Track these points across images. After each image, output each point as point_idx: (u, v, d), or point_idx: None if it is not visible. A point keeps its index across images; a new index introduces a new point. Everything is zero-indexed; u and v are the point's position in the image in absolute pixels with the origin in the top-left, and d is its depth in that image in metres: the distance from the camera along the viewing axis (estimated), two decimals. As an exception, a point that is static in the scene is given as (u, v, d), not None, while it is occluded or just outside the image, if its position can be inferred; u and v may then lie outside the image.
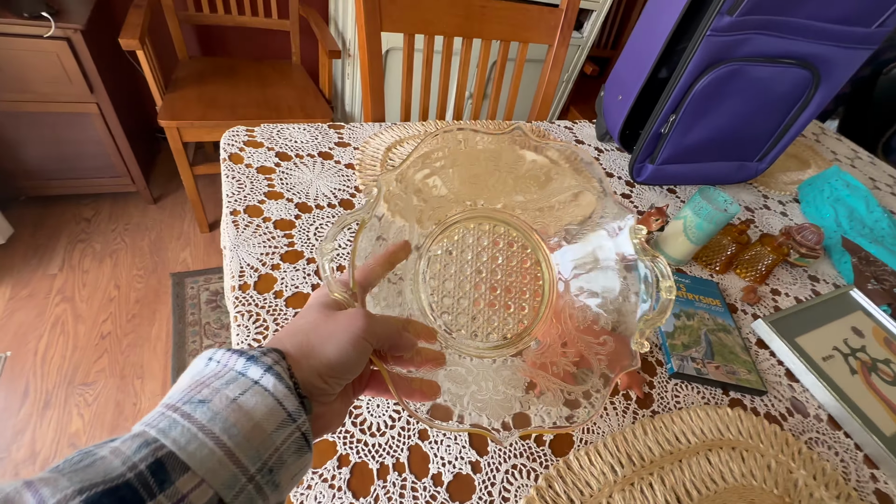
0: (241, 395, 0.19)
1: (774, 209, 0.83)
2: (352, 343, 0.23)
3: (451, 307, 0.35)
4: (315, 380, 0.22)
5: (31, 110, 1.10)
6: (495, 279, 0.36)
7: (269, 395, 0.19)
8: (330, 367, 0.22)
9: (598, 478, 0.39)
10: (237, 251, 0.48)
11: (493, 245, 0.36)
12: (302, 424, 0.20)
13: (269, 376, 0.19)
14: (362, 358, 0.23)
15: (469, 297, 0.35)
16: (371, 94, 0.77)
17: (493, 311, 0.35)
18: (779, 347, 0.55)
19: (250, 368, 0.20)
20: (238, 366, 0.20)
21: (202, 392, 0.18)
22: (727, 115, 0.67)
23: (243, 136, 0.63)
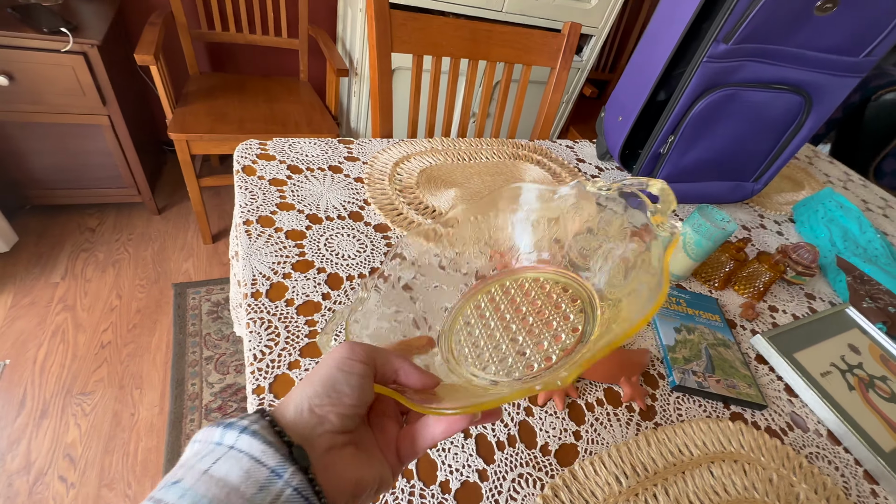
0: (213, 465, 0.17)
1: (770, 228, 0.85)
2: (336, 366, 0.22)
3: (491, 360, 0.33)
4: (305, 416, 0.20)
5: (42, 121, 1.12)
6: (520, 317, 0.35)
7: (243, 455, 0.18)
8: (316, 394, 0.21)
9: (604, 488, 0.39)
10: (250, 260, 0.49)
11: (506, 295, 0.36)
12: (291, 478, 0.18)
13: (245, 436, 0.18)
14: (354, 379, 0.22)
15: (503, 340, 0.34)
16: (380, 110, 0.80)
17: (536, 337, 0.33)
18: (777, 363, 0.56)
19: (226, 435, 0.19)
20: (215, 437, 0.19)
21: (177, 474, 0.17)
22: (723, 137, 0.69)
23: (256, 149, 0.65)
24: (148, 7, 1.36)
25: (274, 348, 0.42)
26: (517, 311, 0.35)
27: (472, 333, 0.35)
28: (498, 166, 0.76)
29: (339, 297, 0.48)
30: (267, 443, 0.18)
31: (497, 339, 0.34)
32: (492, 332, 0.34)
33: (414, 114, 0.86)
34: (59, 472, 0.89)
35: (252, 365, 0.40)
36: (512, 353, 0.33)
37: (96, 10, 1.17)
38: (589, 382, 0.48)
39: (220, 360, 1.13)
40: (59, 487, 0.87)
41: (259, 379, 0.40)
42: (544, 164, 0.81)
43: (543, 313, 0.35)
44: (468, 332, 0.35)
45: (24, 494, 0.85)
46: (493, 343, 0.34)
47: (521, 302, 0.36)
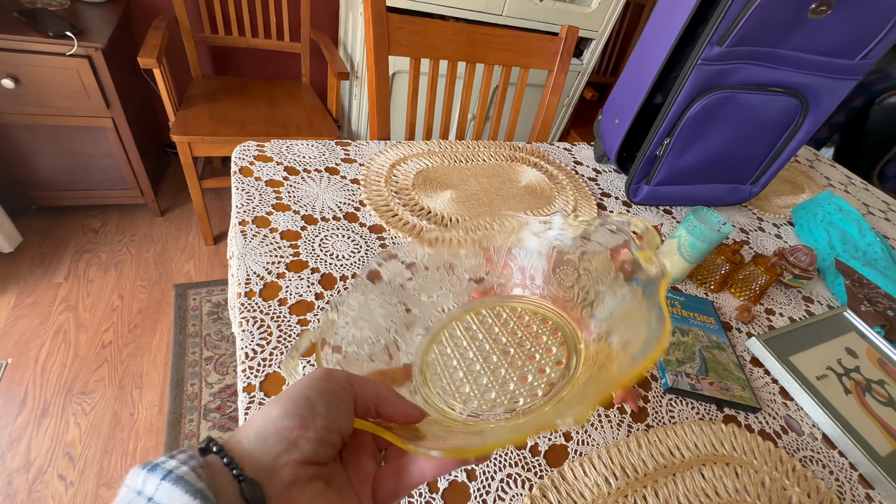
0: None
1: (769, 231, 0.85)
2: (309, 385, 0.19)
3: (473, 393, 0.31)
4: (267, 440, 0.17)
5: (48, 123, 1.14)
6: (500, 347, 0.34)
7: None
8: (283, 414, 0.18)
9: (592, 489, 0.39)
10: (244, 259, 0.49)
11: (482, 325, 0.35)
12: None
13: (166, 484, 0.15)
14: (331, 403, 0.19)
15: (484, 372, 0.32)
16: (377, 114, 0.80)
17: (519, 370, 0.32)
18: (773, 366, 0.56)
19: (147, 481, 0.15)
20: (138, 482, 0.15)
21: None
22: (719, 140, 0.69)
23: (254, 150, 0.65)
24: (152, 11, 1.38)
25: (266, 347, 0.42)
26: (496, 341, 0.34)
27: (449, 364, 0.33)
28: (495, 168, 0.77)
29: (332, 296, 0.49)
30: (191, 492, 0.15)
31: (477, 371, 0.33)
32: (471, 362, 0.33)
33: (412, 117, 0.86)
34: (58, 470, 0.90)
35: (244, 363, 0.41)
36: (495, 385, 0.31)
37: (101, 14, 1.19)
38: (581, 384, 0.48)
39: (220, 360, 1.14)
40: (58, 486, 0.88)
41: (250, 377, 0.40)
42: (541, 167, 0.81)
43: (524, 345, 0.34)
44: (444, 363, 0.33)
45: (23, 493, 0.86)
46: (473, 375, 0.32)
47: (500, 332, 0.35)
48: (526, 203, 0.71)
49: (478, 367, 0.33)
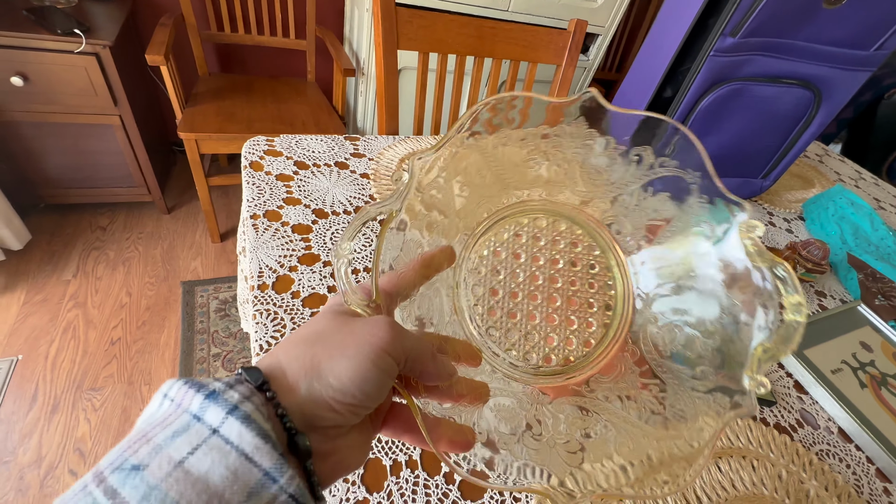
0: (190, 455, 0.13)
1: (780, 226, 0.84)
2: (373, 358, 0.17)
3: (500, 322, 0.27)
4: (320, 408, 0.16)
5: (56, 121, 1.14)
6: (555, 287, 0.28)
7: (231, 450, 0.14)
8: (343, 390, 0.17)
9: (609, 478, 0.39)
10: (256, 253, 0.49)
11: (552, 245, 0.29)
12: (288, 483, 0.14)
13: (234, 420, 0.14)
14: (386, 379, 0.18)
15: (522, 308, 0.28)
16: (386, 108, 0.80)
17: (552, 327, 0.28)
18: (787, 359, 0.55)
19: (209, 410, 0.14)
20: (194, 406, 0.14)
21: (140, 452, 0.13)
22: (731, 133, 0.69)
23: (263, 145, 0.65)
24: (159, 9, 1.38)
25: (280, 339, 0.42)
26: (551, 279, 0.28)
27: (493, 275, 0.27)
28: (503, 163, 0.76)
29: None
30: (262, 435, 0.14)
31: (518, 301, 0.27)
32: (515, 287, 0.27)
33: (420, 112, 0.86)
34: (69, 465, 0.90)
35: (258, 356, 0.41)
36: (524, 328, 0.27)
37: (108, 11, 1.19)
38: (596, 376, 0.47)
39: (228, 357, 1.14)
40: (69, 481, 0.88)
41: (265, 369, 0.40)
42: (550, 161, 0.80)
43: (574, 301, 0.28)
44: (490, 269, 0.27)
45: (35, 487, 0.86)
46: (513, 304, 0.27)
47: (553, 270, 0.28)
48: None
49: (520, 298, 0.27)
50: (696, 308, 0.26)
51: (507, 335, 0.28)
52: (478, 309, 0.28)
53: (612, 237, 0.29)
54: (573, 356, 0.28)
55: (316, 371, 0.17)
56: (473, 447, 0.21)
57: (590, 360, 0.28)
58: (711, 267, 0.25)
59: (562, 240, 0.29)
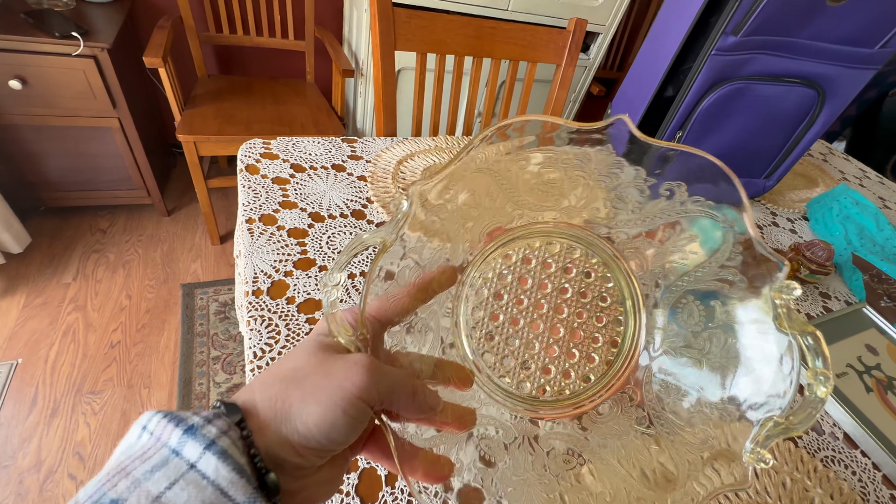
0: (167, 490, 0.14)
1: (783, 226, 0.83)
2: (343, 406, 0.17)
3: (497, 347, 0.26)
4: (286, 450, 0.16)
5: (55, 124, 1.14)
6: (560, 318, 0.27)
7: (208, 484, 0.14)
8: (308, 436, 0.17)
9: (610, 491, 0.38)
10: (251, 258, 0.49)
11: (563, 272, 0.27)
12: None
13: (211, 455, 0.14)
14: (356, 424, 0.18)
15: (522, 336, 0.26)
16: (384, 109, 0.80)
17: (552, 358, 0.26)
18: (791, 363, 0.54)
19: (187, 444, 0.15)
20: (173, 440, 0.15)
21: (119, 486, 0.13)
22: (733, 133, 0.68)
23: (260, 148, 0.65)
24: (157, 11, 1.38)
25: (274, 346, 0.42)
26: (557, 308, 0.26)
27: (488, 303, 0.26)
28: (502, 164, 0.76)
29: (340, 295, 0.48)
30: (238, 470, 0.14)
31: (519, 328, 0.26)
32: (518, 313, 0.26)
33: (418, 113, 0.85)
34: (69, 470, 0.90)
35: (252, 363, 0.40)
36: (521, 356, 0.26)
37: (106, 14, 1.19)
38: (594, 382, 0.47)
39: (227, 360, 1.14)
40: (68, 485, 0.88)
41: (259, 377, 0.39)
42: (550, 162, 0.80)
43: (578, 334, 0.26)
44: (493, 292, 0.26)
45: (34, 492, 0.86)
46: (513, 330, 0.26)
47: (560, 299, 0.27)
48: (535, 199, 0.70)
49: (521, 324, 0.26)
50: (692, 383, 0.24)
51: (503, 361, 0.27)
52: (475, 332, 0.27)
53: (630, 270, 0.27)
54: (569, 390, 0.26)
55: (285, 414, 0.17)
56: (450, 477, 0.21)
57: (587, 394, 0.26)
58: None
59: (574, 268, 0.27)
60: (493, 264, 0.27)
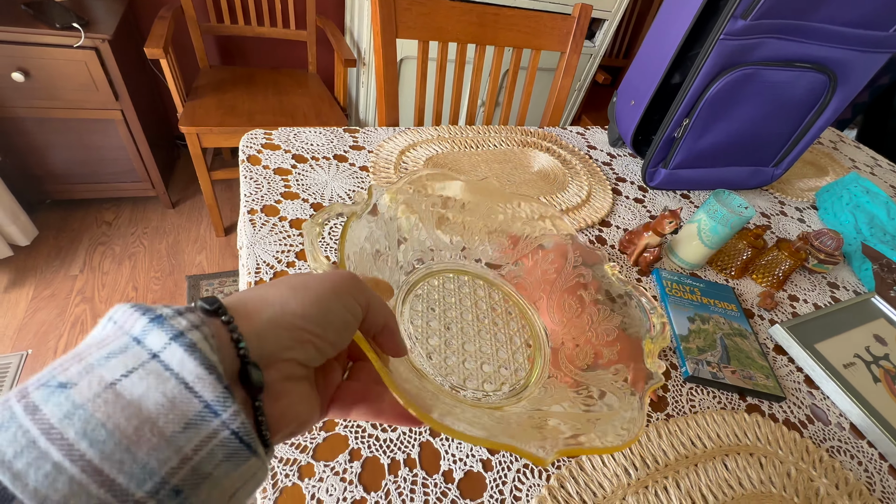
0: (123, 378, 0.12)
1: (791, 215, 0.82)
2: (335, 292, 0.17)
3: (439, 347, 0.32)
4: (280, 333, 0.16)
5: (59, 116, 1.14)
6: (482, 325, 0.35)
7: (171, 376, 0.13)
8: (305, 316, 0.16)
9: (612, 479, 0.38)
10: (254, 248, 0.49)
11: (473, 294, 0.37)
12: (231, 419, 0.13)
13: (177, 346, 0.13)
14: (348, 318, 0.18)
15: (458, 338, 0.33)
16: (385, 99, 0.79)
17: (486, 354, 0.33)
18: (797, 353, 0.54)
19: (150, 333, 0.13)
20: (136, 329, 0.13)
21: (70, 370, 0.12)
22: (741, 120, 0.67)
23: (261, 139, 0.64)
24: (157, 1, 1.37)
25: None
26: (478, 318, 0.35)
27: (429, 310, 0.33)
28: (506, 154, 0.75)
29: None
30: (206, 366, 0.13)
31: (451, 333, 0.33)
32: (450, 322, 0.33)
33: (420, 102, 0.85)
34: (79, 458, 0.92)
35: (255, 353, 0.40)
36: (460, 355, 0.32)
37: (107, 5, 1.18)
38: (598, 372, 0.46)
39: (233, 350, 1.15)
40: (79, 473, 0.90)
41: (262, 367, 0.40)
42: (554, 152, 0.79)
43: (500, 338, 0.34)
44: (426, 306, 0.34)
45: (46, 479, 0.88)
46: (446, 335, 0.33)
47: (485, 311, 0.36)
48: (539, 189, 0.69)
49: (454, 330, 0.34)
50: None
51: (446, 361, 0.32)
52: (419, 337, 0.33)
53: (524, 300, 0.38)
54: (508, 384, 0.33)
55: (281, 300, 0.16)
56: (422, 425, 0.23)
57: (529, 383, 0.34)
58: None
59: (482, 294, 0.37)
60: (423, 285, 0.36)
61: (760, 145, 0.72)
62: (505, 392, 0.32)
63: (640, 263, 0.60)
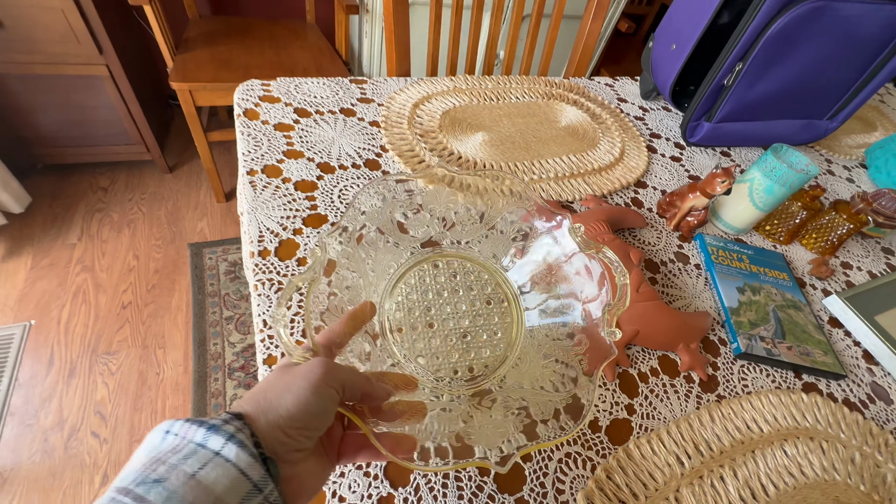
0: (200, 470, 0.17)
1: (839, 175, 0.75)
2: (311, 389, 0.21)
3: (424, 350, 0.33)
4: (277, 434, 0.20)
5: (41, 73, 1.06)
6: (458, 315, 0.35)
7: (231, 466, 0.18)
8: (290, 417, 0.20)
9: (663, 469, 0.34)
10: (255, 214, 0.43)
11: (451, 280, 0.36)
12: (270, 494, 0.18)
13: (232, 445, 0.18)
14: (326, 404, 0.21)
15: (439, 334, 0.33)
16: (396, 45, 0.71)
17: (467, 344, 0.34)
18: (856, 327, 0.49)
19: (210, 439, 0.18)
20: (198, 437, 0.18)
21: (158, 470, 0.17)
22: (802, 63, 0.58)
23: (259, 90, 0.57)
24: (139, -58, 1.24)
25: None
26: (455, 308, 0.35)
27: (413, 309, 0.33)
28: (530, 107, 0.67)
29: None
30: (252, 456, 0.18)
31: (435, 330, 0.33)
32: (432, 318, 0.34)
33: (434, 50, 0.76)
34: (91, 428, 0.91)
35: (262, 332, 0.36)
36: (444, 350, 0.32)
37: (82, -55, 1.07)
38: (642, 349, 0.42)
39: (241, 320, 1.12)
40: (92, 443, 0.89)
41: (271, 348, 0.35)
42: (582, 105, 0.71)
43: (477, 321, 0.34)
44: (409, 308, 0.34)
45: (60, 449, 0.87)
46: (431, 332, 0.33)
47: (462, 296, 0.35)
48: (567, 146, 0.62)
49: (436, 327, 0.33)
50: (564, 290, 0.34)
51: (432, 360, 0.33)
52: (404, 344, 0.33)
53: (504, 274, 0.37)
54: (476, 367, 0.33)
55: (269, 406, 0.20)
56: (415, 451, 0.25)
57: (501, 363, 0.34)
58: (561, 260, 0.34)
59: (458, 275, 0.36)
60: (399, 289, 0.35)
61: (817, 94, 0.64)
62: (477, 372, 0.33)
63: (682, 228, 0.54)
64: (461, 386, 0.32)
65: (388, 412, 0.25)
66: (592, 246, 0.31)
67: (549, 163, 0.58)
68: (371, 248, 0.33)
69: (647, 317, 0.41)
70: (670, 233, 0.55)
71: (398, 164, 0.53)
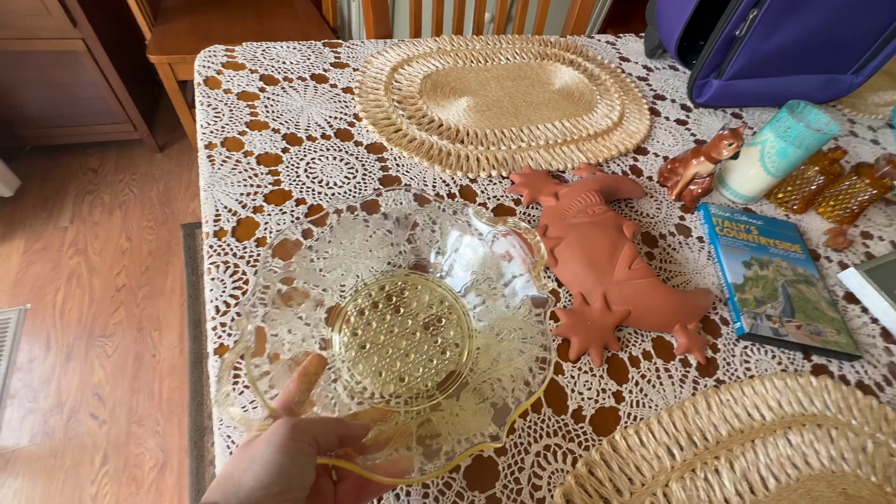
0: None
1: (863, 136, 0.69)
2: (280, 450, 0.19)
3: (388, 377, 0.32)
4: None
5: (14, 49, 1.02)
6: (406, 330, 0.34)
7: None
8: (265, 486, 0.19)
9: (651, 462, 0.32)
10: (212, 191, 0.40)
11: (387, 301, 0.35)
12: None
13: None
14: (303, 460, 0.20)
15: (398, 356, 0.33)
16: (373, 5, 0.65)
17: (426, 354, 0.33)
18: (874, 303, 0.45)
19: None
20: None
21: None
22: (823, 10, 0.52)
23: (222, 56, 0.53)
24: None
25: (240, 298, 0.34)
26: (403, 325, 0.34)
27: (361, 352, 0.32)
28: (521, 69, 0.62)
29: (322, 234, 0.39)
30: None
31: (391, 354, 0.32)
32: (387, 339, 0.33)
33: (416, 8, 0.70)
34: (90, 410, 0.91)
35: (214, 319, 0.33)
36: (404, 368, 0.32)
37: None
38: (634, 331, 0.38)
39: (235, 301, 1.11)
40: (91, 424, 0.90)
41: (222, 336, 0.32)
42: (579, 65, 0.65)
43: (423, 345, 0.33)
44: (357, 347, 0.32)
45: (60, 431, 0.88)
46: (388, 356, 0.32)
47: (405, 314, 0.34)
48: (561, 110, 0.57)
49: (390, 351, 0.33)
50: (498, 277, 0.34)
51: (398, 381, 0.31)
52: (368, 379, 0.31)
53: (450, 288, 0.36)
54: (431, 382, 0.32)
55: (240, 486, 0.19)
56: (413, 471, 0.23)
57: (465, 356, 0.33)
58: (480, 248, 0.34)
59: (394, 296, 0.35)
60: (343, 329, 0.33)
61: (842, 45, 0.57)
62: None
63: (685, 197, 0.50)
64: (426, 402, 0.31)
65: (373, 445, 0.24)
66: (499, 220, 0.32)
67: (539, 129, 0.53)
68: (294, 303, 0.32)
69: (640, 296, 0.37)
70: (671, 203, 0.50)
71: (373, 133, 0.48)
